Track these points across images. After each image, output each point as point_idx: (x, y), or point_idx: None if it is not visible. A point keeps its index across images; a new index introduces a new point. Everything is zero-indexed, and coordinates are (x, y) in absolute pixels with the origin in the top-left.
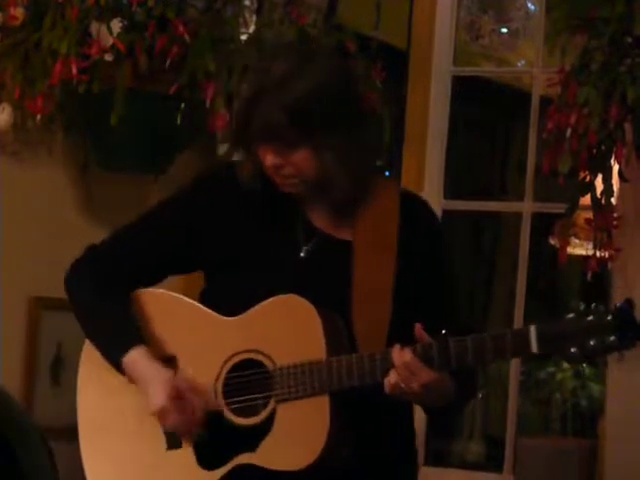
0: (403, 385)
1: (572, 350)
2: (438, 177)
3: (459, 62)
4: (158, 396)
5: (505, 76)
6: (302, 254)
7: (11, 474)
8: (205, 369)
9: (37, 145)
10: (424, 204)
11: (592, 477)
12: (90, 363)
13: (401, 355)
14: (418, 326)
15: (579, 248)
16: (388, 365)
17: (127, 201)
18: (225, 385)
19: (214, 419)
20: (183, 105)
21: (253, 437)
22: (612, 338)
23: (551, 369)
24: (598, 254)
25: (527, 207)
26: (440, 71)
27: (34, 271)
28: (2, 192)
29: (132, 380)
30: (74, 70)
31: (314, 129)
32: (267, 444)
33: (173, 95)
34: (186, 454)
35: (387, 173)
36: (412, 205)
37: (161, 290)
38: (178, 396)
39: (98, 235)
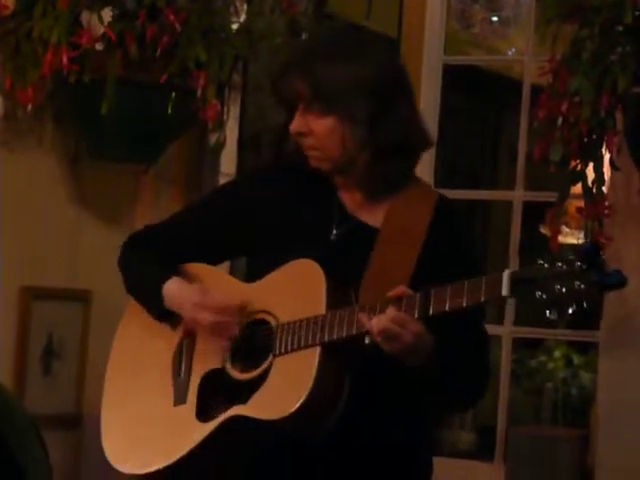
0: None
1: (539, 294)
2: (429, 166)
3: (450, 51)
4: (192, 297)
5: (496, 65)
6: (332, 237)
7: (4, 464)
8: None
9: (27, 135)
10: (460, 212)
11: (583, 466)
12: (132, 315)
13: (387, 309)
14: (401, 286)
15: (570, 237)
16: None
17: (118, 191)
18: (234, 344)
19: (218, 375)
20: (174, 94)
21: (249, 391)
22: (578, 283)
23: (542, 358)
24: None
25: (518, 196)
26: (431, 60)
27: (25, 261)
28: None
29: (173, 308)
30: (65, 59)
31: (338, 100)
32: (258, 395)
33: (164, 84)
34: (189, 409)
35: None
36: (448, 209)
37: (195, 263)
38: (211, 294)
39: (89, 225)
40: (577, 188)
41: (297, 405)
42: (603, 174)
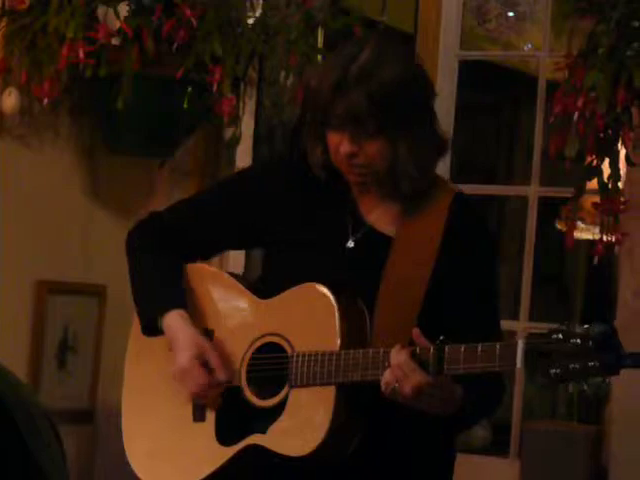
0: (396, 385)
1: (553, 372)
2: (444, 161)
3: (466, 46)
4: (184, 356)
5: (512, 60)
6: (349, 244)
7: (20, 459)
8: (236, 347)
9: (44, 129)
10: (476, 210)
11: (598, 462)
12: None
13: (398, 355)
14: (416, 330)
15: (586, 232)
16: (388, 363)
17: (134, 185)
18: (248, 365)
19: (235, 397)
20: (190, 89)
21: (267, 419)
22: (593, 363)
23: None
24: (605, 238)
25: (534, 191)
26: (447, 55)
27: (40, 255)
28: (9, 176)
29: (167, 339)
30: (81, 54)
31: (394, 118)
32: (276, 427)
33: (180, 79)
34: (208, 428)
35: None
36: (463, 210)
37: (204, 265)
38: (203, 362)
39: (105, 219)
40: (593, 183)
41: (314, 447)
42: (619, 169)
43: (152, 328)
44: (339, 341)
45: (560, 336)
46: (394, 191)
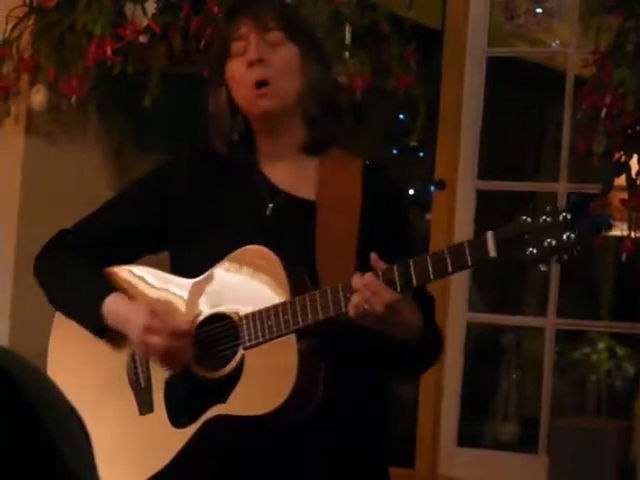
0: (366, 306)
1: (529, 251)
2: (472, 158)
3: (493, 43)
4: (138, 318)
5: (540, 56)
6: (267, 212)
7: (48, 459)
8: None
9: (71, 127)
10: (385, 169)
11: (627, 458)
12: (60, 337)
13: (362, 278)
14: (374, 255)
15: (614, 229)
16: (350, 292)
17: None
18: (193, 342)
19: (183, 377)
20: None
21: (224, 389)
22: (568, 234)
23: (586, 350)
24: (633, 235)
25: (562, 187)
26: (474, 52)
27: None
28: (37, 174)
29: (114, 325)
30: (108, 51)
31: (301, 33)
32: (237, 393)
33: (207, 76)
34: (159, 416)
35: (421, 154)
36: (376, 172)
37: (122, 266)
38: (159, 315)
39: None
40: (621, 180)
41: (284, 398)
42: None
43: (101, 330)
44: (289, 291)
45: (528, 218)
46: (294, 148)
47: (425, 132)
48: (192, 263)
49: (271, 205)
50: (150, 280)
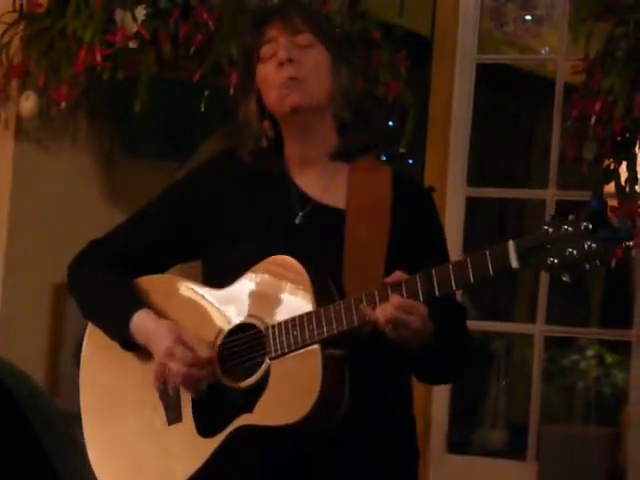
0: (403, 329)
1: (550, 261)
2: (462, 164)
3: (483, 49)
4: (164, 340)
5: (529, 63)
6: (297, 221)
7: (37, 462)
8: (205, 339)
9: (61, 132)
10: (414, 179)
11: (615, 465)
12: (93, 345)
13: (390, 304)
14: (397, 272)
15: None
16: (374, 303)
17: (151, 188)
18: (220, 353)
19: (211, 387)
20: (207, 92)
21: (251, 399)
22: (589, 243)
23: (575, 357)
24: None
25: (551, 194)
26: (464, 58)
27: (58, 258)
28: (27, 180)
29: (141, 342)
30: (98, 57)
31: (330, 37)
32: (263, 402)
33: (197, 82)
34: (187, 426)
35: (410, 161)
36: (406, 181)
37: (153, 275)
38: (183, 342)
39: None
40: (610, 187)
41: (309, 408)
42: (636, 173)
43: (129, 344)
44: (315, 301)
45: (550, 228)
46: (324, 155)
47: (414, 139)
48: (223, 271)
49: (301, 213)
50: (179, 290)
